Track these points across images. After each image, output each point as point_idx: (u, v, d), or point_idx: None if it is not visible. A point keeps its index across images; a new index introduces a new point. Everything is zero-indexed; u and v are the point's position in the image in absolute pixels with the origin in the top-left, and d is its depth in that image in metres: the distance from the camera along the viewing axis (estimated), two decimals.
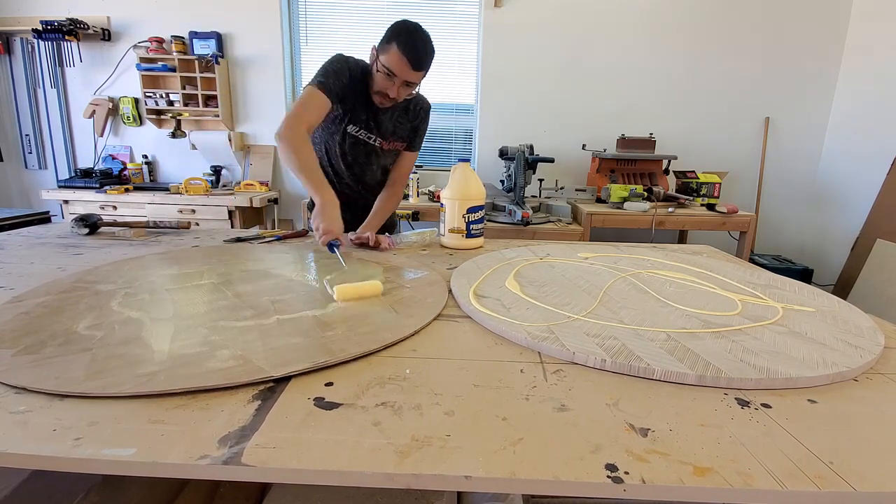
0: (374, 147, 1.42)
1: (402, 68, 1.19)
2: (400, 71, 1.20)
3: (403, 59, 1.18)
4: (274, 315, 0.72)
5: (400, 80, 1.22)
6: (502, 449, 0.43)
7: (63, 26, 2.84)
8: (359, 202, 1.53)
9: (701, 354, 0.61)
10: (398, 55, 1.18)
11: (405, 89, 1.25)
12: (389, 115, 1.40)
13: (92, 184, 2.88)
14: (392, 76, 1.21)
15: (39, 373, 0.53)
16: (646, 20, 2.99)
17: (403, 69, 1.20)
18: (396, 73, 1.20)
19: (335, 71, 1.27)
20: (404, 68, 1.19)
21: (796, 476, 0.41)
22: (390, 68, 1.20)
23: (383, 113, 1.37)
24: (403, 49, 1.17)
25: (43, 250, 1.13)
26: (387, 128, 1.41)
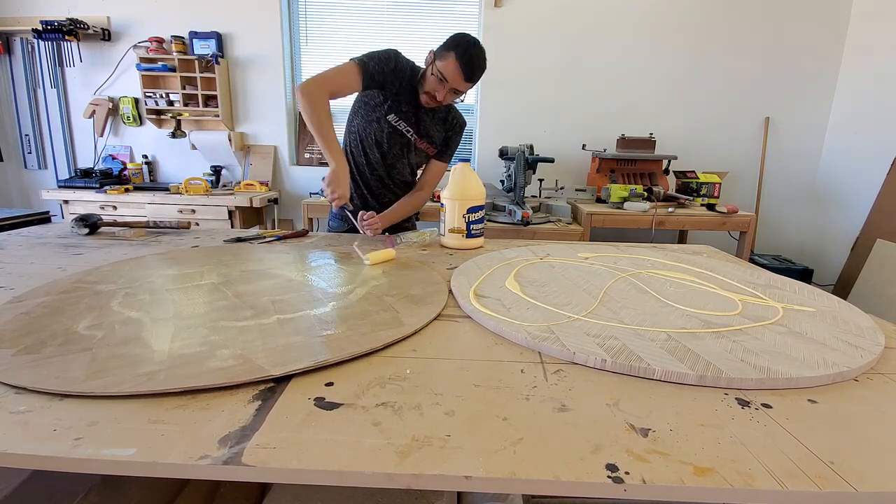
0: (409, 140, 1.47)
1: (456, 77, 1.27)
2: (453, 78, 1.28)
3: (459, 69, 1.26)
4: (274, 315, 0.72)
5: (450, 86, 1.29)
6: (502, 449, 0.43)
7: (63, 26, 2.84)
8: (383, 198, 1.56)
9: (701, 354, 0.61)
10: (455, 64, 1.26)
11: (452, 95, 1.33)
12: (431, 117, 1.46)
13: (92, 184, 2.88)
14: (444, 81, 1.29)
15: (39, 373, 0.53)
16: (646, 20, 2.99)
17: (457, 77, 1.27)
18: (449, 80, 1.28)
19: (381, 58, 1.33)
20: (458, 77, 1.27)
21: (797, 476, 0.41)
22: (444, 74, 1.28)
23: (425, 112, 1.44)
24: (461, 59, 1.25)
25: (43, 250, 1.13)
26: (425, 126, 1.46)
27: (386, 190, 1.54)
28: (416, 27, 3.11)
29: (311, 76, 1.29)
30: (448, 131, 1.51)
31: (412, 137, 1.46)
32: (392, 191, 1.55)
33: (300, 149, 3.28)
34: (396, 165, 1.51)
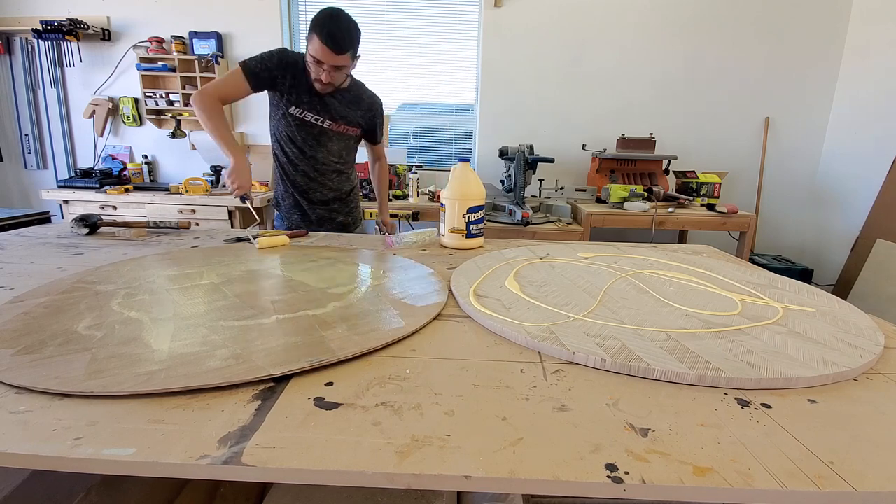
0: (322, 128, 1.50)
1: (327, 54, 1.30)
2: (325, 57, 1.31)
3: (324, 47, 1.29)
4: (273, 314, 0.72)
5: (327, 65, 1.32)
6: (502, 449, 0.43)
7: (63, 26, 2.84)
8: (315, 193, 1.59)
9: (701, 354, 0.61)
10: (319, 43, 1.29)
11: (337, 73, 1.36)
12: (339, 100, 1.50)
13: (92, 184, 2.88)
14: (320, 63, 1.32)
15: (39, 373, 0.53)
16: (646, 20, 2.99)
17: (328, 54, 1.30)
18: (323, 59, 1.31)
19: (263, 56, 1.40)
20: (328, 54, 1.30)
21: (796, 476, 0.41)
22: (316, 56, 1.31)
23: (331, 97, 1.47)
24: (322, 37, 1.28)
25: (43, 250, 1.13)
26: (336, 110, 1.50)
27: (315, 184, 1.58)
28: (416, 27, 3.11)
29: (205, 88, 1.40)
30: (368, 112, 1.57)
31: (324, 125, 1.49)
32: (322, 183, 1.58)
33: None
34: (317, 156, 1.54)
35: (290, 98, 1.44)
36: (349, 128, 1.53)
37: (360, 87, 1.58)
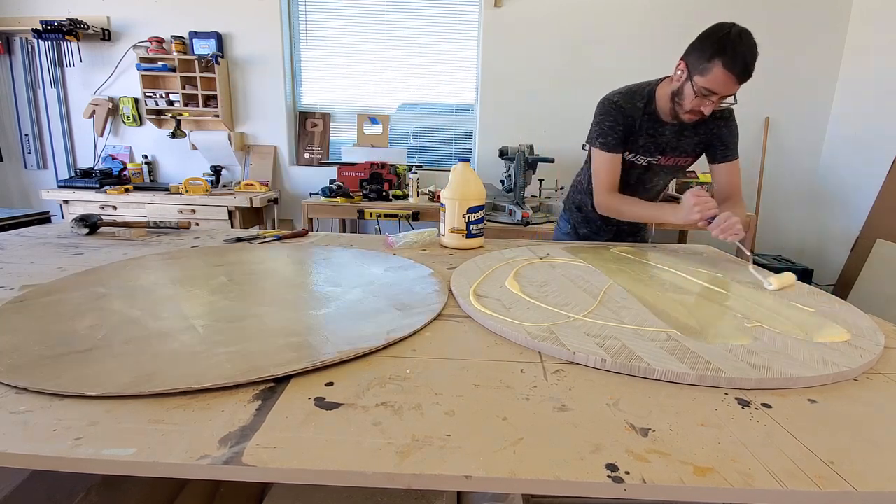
0: (653, 166, 1.33)
1: (729, 84, 1.08)
2: (725, 88, 1.09)
3: (731, 76, 1.06)
4: (274, 315, 0.72)
5: (720, 96, 1.11)
6: (502, 449, 0.43)
7: (63, 26, 2.84)
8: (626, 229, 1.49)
9: (701, 354, 0.61)
10: (723, 73, 1.06)
11: (722, 101, 1.15)
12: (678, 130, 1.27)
13: (92, 184, 2.88)
14: (712, 94, 1.10)
15: (39, 373, 0.53)
16: (646, 20, 2.99)
17: (730, 84, 1.08)
18: (720, 91, 1.09)
19: (610, 126, 1.26)
20: (731, 83, 1.08)
21: (797, 476, 0.41)
22: (712, 88, 1.09)
23: (664, 129, 1.27)
24: (732, 67, 1.05)
25: (43, 250, 1.13)
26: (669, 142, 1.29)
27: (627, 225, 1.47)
28: (416, 27, 3.11)
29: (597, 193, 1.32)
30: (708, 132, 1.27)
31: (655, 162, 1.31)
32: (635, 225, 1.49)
33: (300, 149, 3.28)
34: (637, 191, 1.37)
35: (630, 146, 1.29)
36: (680, 159, 1.31)
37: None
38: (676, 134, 1.26)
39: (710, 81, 1.08)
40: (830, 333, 0.70)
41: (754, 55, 1.06)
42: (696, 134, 1.26)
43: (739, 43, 1.06)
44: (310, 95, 3.28)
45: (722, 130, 1.26)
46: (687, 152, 1.29)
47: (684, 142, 1.28)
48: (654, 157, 1.30)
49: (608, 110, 1.26)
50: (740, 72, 1.05)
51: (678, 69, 1.17)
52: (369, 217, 2.65)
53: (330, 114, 3.27)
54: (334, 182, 2.81)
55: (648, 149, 1.28)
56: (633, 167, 1.32)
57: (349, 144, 3.19)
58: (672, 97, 1.19)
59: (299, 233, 1.37)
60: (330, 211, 2.70)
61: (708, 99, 1.11)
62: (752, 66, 1.06)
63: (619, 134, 1.25)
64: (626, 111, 1.24)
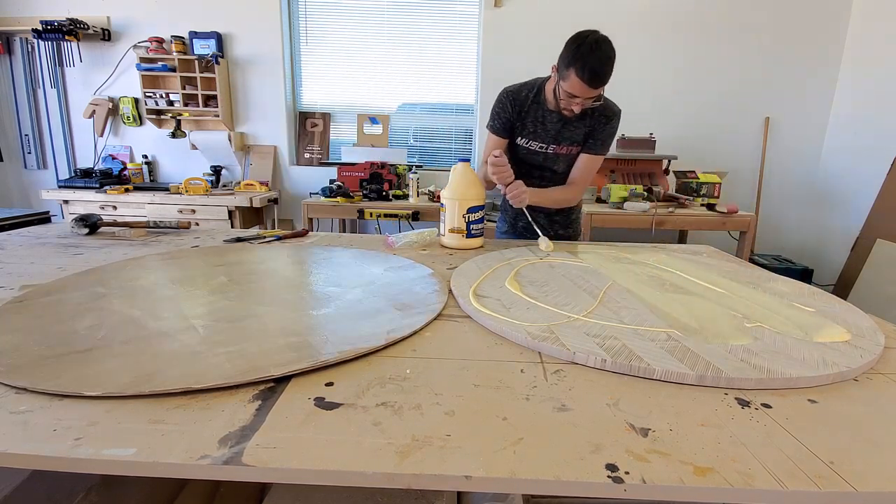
0: (550, 154, 1.44)
1: (584, 90, 1.21)
2: (582, 93, 1.22)
3: (582, 83, 1.19)
4: (275, 315, 0.72)
5: (581, 99, 1.24)
6: (502, 449, 0.43)
7: (63, 26, 2.84)
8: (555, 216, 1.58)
9: (701, 354, 0.61)
10: (577, 81, 1.20)
11: (590, 101, 1.28)
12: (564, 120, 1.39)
13: (92, 184, 2.88)
14: (574, 97, 1.24)
15: (39, 373, 0.53)
16: (646, 20, 2.99)
17: (585, 90, 1.21)
18: (579, 95, 1.23)
19: (495, 112, 1.45)
20: (585, 90, 1.21)
21: (797, 476, 0.41)
22: (572, 92, 1.23)
23: (551, 117, 1.39)
24: (582, 75, 1.18)
25: (43, 250, 1.13)
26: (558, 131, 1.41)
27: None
28: (416, 27, 3.10)
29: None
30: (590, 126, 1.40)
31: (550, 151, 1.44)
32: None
33: (300, 149, 3.28)
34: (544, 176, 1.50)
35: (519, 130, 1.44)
36: (572, 147, 1.44)
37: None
38: (562, 124, 1.39)
39: (569, 86, 1.22)
40: (830, 333, 0.70)
41: (605, 63, 1.19)
42: (583, 125, 1.39)
43: (590, 53, 1.17)
44: (310, 95, 3.28)
45: (598, 127, 1.39)
46: (578, 141, 1.42)
47: (574, 132, 1.40)
48: (548, 146, 1.43)
49: (500, 99, 1.44)
50: (590, 79, 1.18)
51: (552, 71, 1.31)
52: (369, 217, 2.65)
53: (330, 114, 3.27)
54: (334, 182, 2.81)
55: (539, 135, 1.42)
56: (533, 153, 1.46)
57: (349, 144, 3.19)
58: (552, 94, 1.33)
59: (299, 233, 1.37)
60: (330, 211, 2.70)
61: (573, 100, 1.25)
62: (603, 73, 1.19)
63: (504, 120, 1.42)
64: (515, 100, 1.41)
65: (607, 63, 1.19)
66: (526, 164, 1.48)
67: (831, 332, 0.71)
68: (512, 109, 1.41)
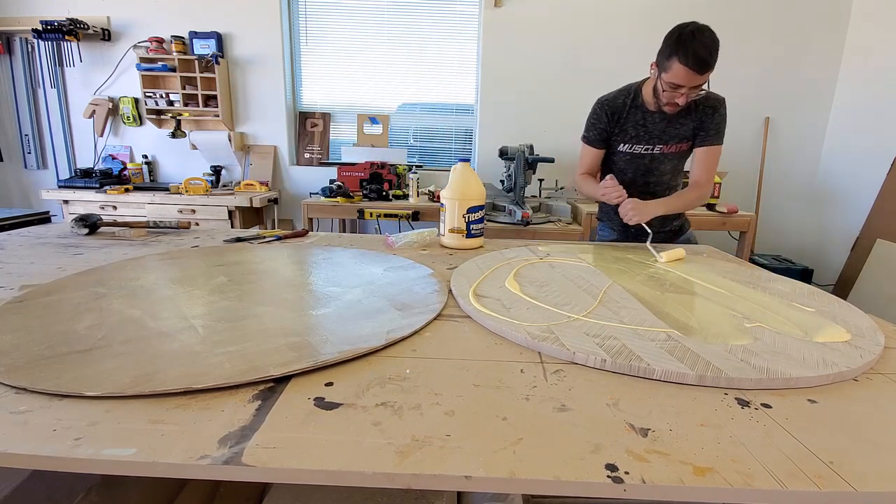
0: (656, 156, 1.42)
1: (689, 77, 1.20)
2: (687, 81, 1.21)
3: (688, 70, 1.18)
4: (274, 315, 0.72)
5: (687, 88, 1.23)
6: (502, 449, 0.43)
7: (63, 26, 2.83)
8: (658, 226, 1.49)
9: (701, 354, 0.61)
10: (682, 69, 1.19)
11: (695, 91, 1.25)
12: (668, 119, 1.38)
13: (92, 184, 2.88)
14: (679, 87, 1.23)
15: (40, 373, 0.53)
16: (646, 19, 2.98)
17: (690, 77, 1.20)
18: (684, 84, 1.22)
19: (590, 123, 1.46)
20: (691, 77, 1.20)
21: (796, 476, 0.41)
22: (676, 82, 1.22)
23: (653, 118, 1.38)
24: (686, 61, 1.17)
25: (43, 250, 1.13)
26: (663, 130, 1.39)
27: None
28: (416, 27, 3.10)
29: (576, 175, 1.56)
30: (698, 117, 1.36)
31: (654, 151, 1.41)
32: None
33: (300, 149, 3.28)
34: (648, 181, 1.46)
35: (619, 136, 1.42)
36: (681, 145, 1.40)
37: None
38: (667, 122, 1.38)
39: (672, 76, 1.22)
40: (830, 333, 0.70)
41: (709, 48, 1.18)
42: (690, 120, 1.37)
43: (692, 39, 1.18)
44: (310, 95, 3.28)
45: (707, 118, 1.37)
46: (686, 137, 1.40)
47: (680, 129, 1.38)
48: (654, 147, 1.40)
49: (594, 110, 1.45)
50: (695, 64, 1.17)
51: (651, 69, 1.32)
52: (369, 217, 2.65)
53: (330, 114, 3.26)
54: (334, 182, 2.81)
55: (642, 137, 1.40)
56: (637, 157, 1.43)
57: (349, 144, 3.19)
58: (653, 93, 1.34)
59: (299, 233, 1.37)
60: (330, 211, 2.70)
61: (677, 91, 1.24)
62: (708, 58, 1.18)
63: (600, 131, 1.44)
64: (611, 108, 1.41)
65: (711, 48, 1.18)
66: (629, 172, 1.46)
67: (831, 332, 0.71)
68: (608, 119, 1.41)
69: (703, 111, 1.36)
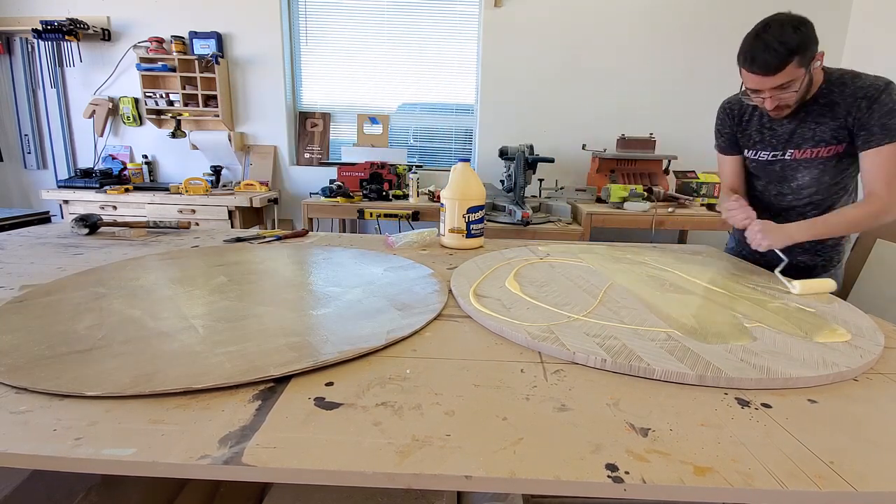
0: (788, 162, 1.18)
1: (760, 81, 1.04)
2: (755, 84, 1.05)
3: (747, 73, 1.05)
4: (274, 315, 0.72)
5: (767, 91, 1.05)
6: (502, 449, 0.43)
7: (63, 26, 2.83)
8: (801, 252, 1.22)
9: (701, 354, 0.61)
10: (746, 73, 1.05)
11: (781, 92, 1.05)
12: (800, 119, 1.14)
13: (92, 184, 2.88)
14: (758, 92, 1.07)
15: (40, 373, 0.53)
16: (646, 20, 2.99)
17: (761, 81, 1.03)
18: (756, 87, 1.06)
19: (718, 129, 1.30)
20: (761, 80, 1.03)
21: (796, 476, 0.41)
22: (750, 87, 1.07)
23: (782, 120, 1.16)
24: (748, 65, 1.04)
25: (43, 250, 1.13)
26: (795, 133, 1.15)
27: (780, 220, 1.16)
28: (416, 27, 3.10)
29: None
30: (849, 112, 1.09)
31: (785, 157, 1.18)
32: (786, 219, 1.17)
33: (300, 149, 3.27)
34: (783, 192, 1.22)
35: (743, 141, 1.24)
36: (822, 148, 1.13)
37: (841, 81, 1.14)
38: (797, 123, 1.14)
39: (746, 81, 1.07)
40: (830, 333, 0.70)
41: (771, 46, 0.99)
42: (829, 119, 1.11)
43: (753, 37, 1.03)
44: (310, 95, 3.28)
45: (862, 113, 1.06)
46: (825, 141, 1.12)
47: (815, 131, 1.13)
48: (784, 152, 1.17)
49: (718, 113, 1.29)
50: (758, 67, 1.01)
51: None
52: (369, 217, 2.65)
53: (330, 114, 3.26)
54: (334, 182, 2.81)
55: (769, 142, 1.19)
56: (767, 165, 1.21)
57: (349, 144, 3.19)
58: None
59: (299, 233, 1.37)
60: (330, 211, 2.70)
61: (757, 95, 1.08)
62: (769, 58, 0.99)
63: (727, 136, 1.27)
64: (732, 109, 1.25)
65: (775, 44, 0.99)
66: (760, 183, 1.26)
67: (831, 332, 0.71)
68: (731, 121, 1.25)
69: (850, 105, 1.08)
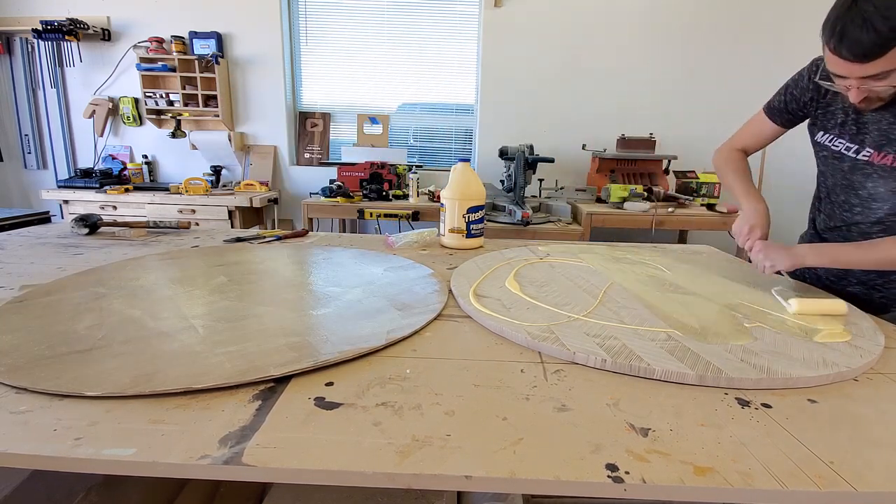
0: (860, 163, 0.91)
1: (842, 66, 0.78)
2: (843, 70, 0.79)
3: (835, 57, 0.78)
4: (274, 315, 0.72)
5: (852, 80, 0.79)
6: (502, 449, 0.43)
7: (63, 26, 2.83)
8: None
9: (701, 354, 0.61)
10: (829, 53, 0.79)
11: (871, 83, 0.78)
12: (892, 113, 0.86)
13: (92, 184, 2.88)
14: (842, 78, 0.81)
15: (40, 373, 0.53)
16: (646, 20, 2.99)
17: (843, 66, 0.78)
18: (843, 74, 0.80)
19: (787, 84, 1.03)
20: (843, 65, 0.78)
21: (797, 476, 0.41)
22: (833, 72, 0.82)
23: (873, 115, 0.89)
24: (833, 45, 0.77)
25: (43, 250, 1.13)
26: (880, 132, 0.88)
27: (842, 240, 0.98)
28: (416, 27, 3.10)
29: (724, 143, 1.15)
30: None
31: (865, 157, 0.90)
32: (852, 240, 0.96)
33: (300, 149, 3.27)
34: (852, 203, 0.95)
35: (820, 119, 0.99)
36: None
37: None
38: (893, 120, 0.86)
39: (829, 63, 0.81)
40: (830, 333, 0.70)
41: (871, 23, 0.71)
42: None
43: (849, 9, 0.73)
44: (310, 95, 3.28)
45: None
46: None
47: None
48: (861, 148, 0.91)
49: (802, 69, 1.01)
50: (848, 51, 0.74)
51: None
52: (369, 217, 2.65)
53: (330, 114, 3.26)
54: (334, 182, 2.81)
55: (848, 130, 0.92)
56: (836, 159, 0.96)
57: (349, 144, 3.19)
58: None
59: (299, 233, 1.37)
60: (330, 211, 2.70)
61: (842, 83, 0.82)
62: (865, 38, 0.72)
63: (793, 98, 1.01)
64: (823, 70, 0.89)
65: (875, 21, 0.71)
66: (827, 181, 1.01)
67: (831, 332, 0.71)
68: (815, 87, 0.95)
69: None
